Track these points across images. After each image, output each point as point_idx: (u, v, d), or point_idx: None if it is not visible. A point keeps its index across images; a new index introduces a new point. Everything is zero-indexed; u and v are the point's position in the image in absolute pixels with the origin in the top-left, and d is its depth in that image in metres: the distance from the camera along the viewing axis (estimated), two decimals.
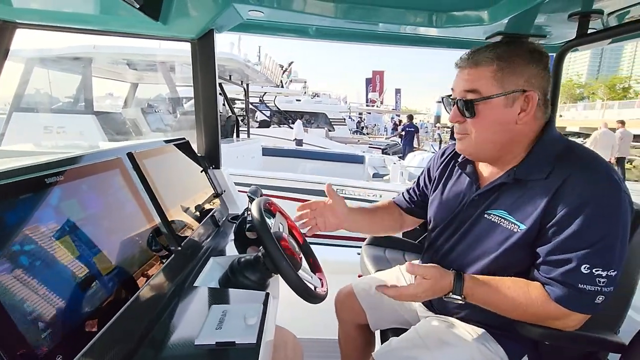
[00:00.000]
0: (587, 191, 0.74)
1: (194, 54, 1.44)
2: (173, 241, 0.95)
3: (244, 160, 5.50)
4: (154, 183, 0.98)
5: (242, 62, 4.89)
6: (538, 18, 1.30)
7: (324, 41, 1.64)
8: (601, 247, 0.72)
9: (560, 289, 0.74)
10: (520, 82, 0.80)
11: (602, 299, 0.72)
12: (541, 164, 0.81)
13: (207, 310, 0.76)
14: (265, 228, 0.84)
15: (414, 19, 1.39)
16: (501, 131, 0.83)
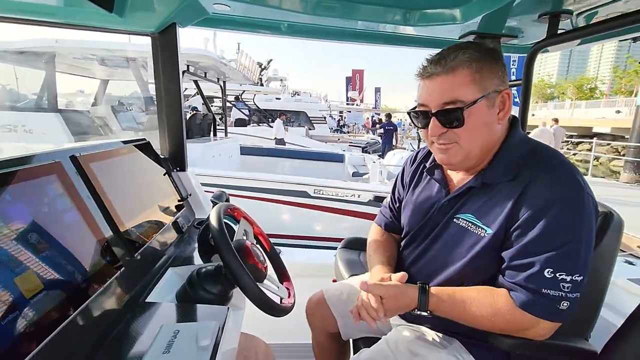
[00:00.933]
0: (551, 193, 0.73)
1: (155, 48, 1.35)
2: (124, 252, 0.87)
3: (220, 159, 5.36)
4: (104, 188, 0.90)
5: (217, 59, 4.75)
6: (510, 18, 1.29)
7: (296, 38, 1.58)
8: (565, 251, 0.70)
9: (524, 294, 0.72)
10: (496, 81, 0.78)
11: (567, 305, 0.70)
12: (508, 166, 0.80)
13: (156, 331, 0.69)
14: (223, 237, 0.78)
15: (387, 16, 1.36)
16: (487, 133, 0.81)
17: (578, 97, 44.94)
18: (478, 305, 0.75)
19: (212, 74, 5.83)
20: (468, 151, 0.81)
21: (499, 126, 0.81)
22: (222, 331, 0.71)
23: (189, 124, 5.63)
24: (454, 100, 0.77)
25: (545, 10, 1.14)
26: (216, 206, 0.89)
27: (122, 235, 0.88)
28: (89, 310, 0.68)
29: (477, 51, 0.78)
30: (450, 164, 0.86)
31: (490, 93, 0.77)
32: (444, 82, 0.78)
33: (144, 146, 1.29)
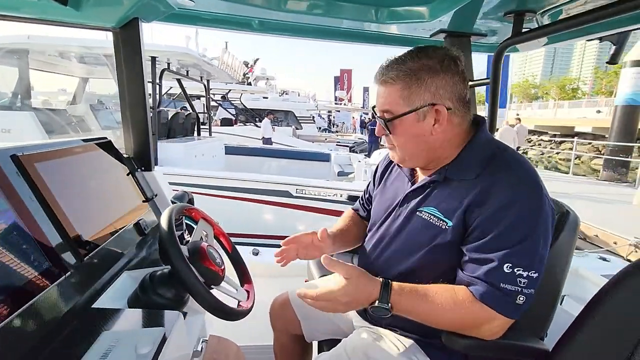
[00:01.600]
0: (512, 192, 0.75)
1: (117, 44, 1.30)
2: (72, 255, 0.83)
3: (203, 159, 5.28)
4: (51, 189, 0.85)
5: (198, 57, 4.67)
6: (478, 17, 1.29)
7: (265, 35, 1.56)
8: (523, 248, 0.72)
9: (483, 287, 0.73)
10: (427, 96, 0.81)
11: (522, 299, 0.72)
12: (470, 165, 0.83)
13: (95, 338, 0.65)
14: (171, 239, 0.75)
15: (355, 13, 1.34)
16: (420, 142, 0.86)
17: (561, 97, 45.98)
18: (440, 299, 0.75)
19: (195, 73, 5.75)
20: (404, 156, 0.89)
21: (437, 136, 0.84)
22: (167, 338, 0.68)
23: (171, 123, 5.54)
24: (387, 110, 0.85)
25: (510, 8, 1.14)
26: (169, 207, 0.86)
27: (69, 238, 0.84)
28: (24, 318, 0.64)
29: (412, 67, 0.81)
30: (397, 162, 0.93)
31: (418, 108, 0.81)
32: (381, 92, 0.86)
33: (106, 145, 1.25)
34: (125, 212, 1.17)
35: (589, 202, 7.07)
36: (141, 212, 1.26)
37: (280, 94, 19.47)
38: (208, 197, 3.86)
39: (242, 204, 3.91)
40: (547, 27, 1.10)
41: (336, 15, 1.36)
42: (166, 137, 5.37)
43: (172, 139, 5.40)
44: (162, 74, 4.66)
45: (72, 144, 1.11)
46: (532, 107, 42.51)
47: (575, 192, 7.93)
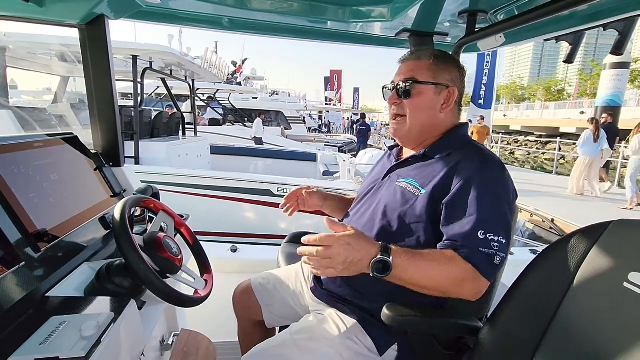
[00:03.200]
0: (480, 170, 0.87)
1: (83, 41, 1.31)
2: (27, 247, 0.84)
3: (187, 159, 5.26)
4: (7, 182, 0.87)
5: (180, 56, 4.66)
6: (437, 16, 1.34)
7: (235, 33, 1.58)
8: (493, 215, 0.82)
9: (467, 249, 0.80)
10: (447, 78, 0.98)
11: (499, 260, 0.79)
12: (446, 146, 0.97)
13: (43, 324, 0.67)
14: (123, 229, 0.77)
15: (320, 12, 1.38)
16: (429, 115, 0.99)
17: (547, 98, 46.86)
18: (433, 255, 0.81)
19: (179, 72, 5.72)
20: (411, 126, 1.00)
21: (442, 115, 0.99)
22: (116, 322, 0.70)
23: (154, 122, 5.50)
24: (411, 77, 0.97)
25: (463, 8, 1.19)
26: (124, 199, 0.88)
27: (26, 230, 0.86)
28: None
29: (441, 53, 1.02)
30: (397, 135, 1.04)
31: (439, 84, 0.97)
32: (409, 64, 1.00)
33: (72, 140, 1.26)
34: (90, 206, 1.18)
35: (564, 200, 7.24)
36: (108, 206, 1.27)
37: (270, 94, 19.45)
38: (189, 196, 3.86)
39: (223, 203, 3.92)
40: (499, 25, 1.15)
41: (305, 14, 1.39)
42: (150, 136, 5.33)
43: (155, 138, 5.37)
44: (144, 72, 4.64)
45: (36, 138, 1.12)
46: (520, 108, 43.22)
47: (557, 191, 8.12)
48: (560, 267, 0.65)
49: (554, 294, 0.64)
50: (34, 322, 0.71)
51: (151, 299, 1.10)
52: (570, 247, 0.66)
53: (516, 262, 1.72)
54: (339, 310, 0.94)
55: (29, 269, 0.82)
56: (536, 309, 0.66)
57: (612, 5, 1.16)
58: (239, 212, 3.98)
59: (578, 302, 0.62)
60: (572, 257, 0.64)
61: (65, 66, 5.13)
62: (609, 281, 0.61)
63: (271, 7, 1.34)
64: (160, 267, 0.84)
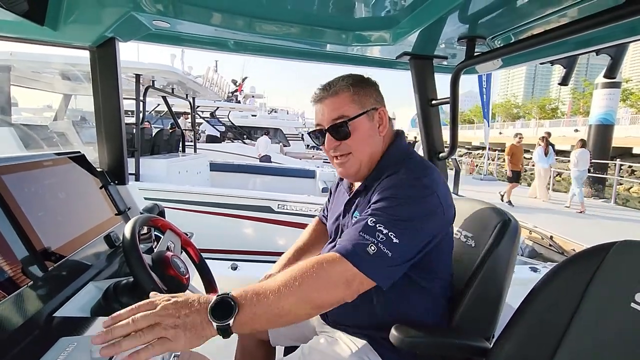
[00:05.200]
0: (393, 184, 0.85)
1: (93, 62, 1.35)
2: (36, 265, 0.84)
3: (187, 175, 5.27)
4: (18, 202, 0.88)
5: (182, 75, 4.75)
6: (437, 41, 1.39)
7: (240, 54, 1.63)
8: (391, 215, 0.78)
9: (341, 242, 0.78)
10: (371, 101, 0.97)
11: (373, 250, 0.74)
12: (381, 173, 0.93)
13: (53, 344, 0.67)
14: (133, 247, 0.78)
15: (325, 36, 1.42)
16: (372, 144, 0.97)
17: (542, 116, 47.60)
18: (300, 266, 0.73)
19: (181, 91, 5.81)
20: (360, 159, 0.96)
21: (381, 138, 0.98)
22: None
23: (155, 139, 5.54)
24: (341, 116, 0.93)
25: (463, 34, 1.24)
26: (134, 217, 0.89)
27: (35, 250, 0.86)
28: None
29: (355, 79, 0.98)
30: (348, 175, 1.00)
31: (368, 110, 0.95)
32: (330, 103, 0.95)
33: (79, 159, 1.27)
34: (96, 224, 1.19)
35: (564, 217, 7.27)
36: (112, 224, 1.28)
37: (269, 112, 19.67)
38: (189, 212, 3.86)
39: (224, 220, 3.91)
40: (496, 51, 1.20)
41: (308, 37, 1.44)
42: (150, 153, 5.36)
43: (155, 155, 5.39)
44: (146, 91, 4.71)
45: (44, 157, 1.13)
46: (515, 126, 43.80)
47: (554, 208, 8.15)
48: (568, 289, 0.66)
49: (562, 315, 0.65)
50: (42, 342, 0.70)
51: None
52: (577, 268, 0.67)
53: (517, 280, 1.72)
54: (348, 333, 0.94)
55: (36, 288, 0.82)
56: (545, 331, 0.67)
57: (603, 32, 1.21)
58: (238, 228, 3.97)
59: (586, 324, 0.63)
60: (579, 278, 0.65)
61: (68, 84, 5.21)
62: (616, 302, 0.62)
63: (276, 30, 1.39)
64: (168, 286, 0.84)
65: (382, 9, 1.18)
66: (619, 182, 9.71)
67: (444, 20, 1.15)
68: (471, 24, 1.16)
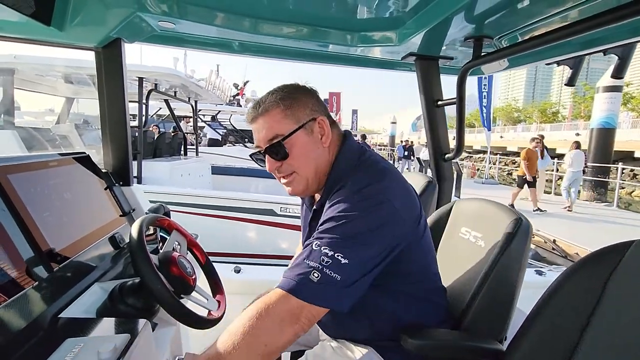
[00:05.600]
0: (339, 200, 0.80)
1: (99, 63, 1.35)
2: (41, 266, 0.83)
3: (189, 178, 5.27)
4: (24, 201, 0.87)
5: (185, 78, 4.75)
6: (443, 42, 1.39)
7: (245, 56, 1.63)
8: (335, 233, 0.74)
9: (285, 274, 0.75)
10: (307, 112, 0.88)
11: (317, 277, 0.71)
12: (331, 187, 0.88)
13: (59, 346, 0.66)
14: (139, 247, 0.77)
15: (329, 37, 1.42)
16: (316, 157, 0.89)
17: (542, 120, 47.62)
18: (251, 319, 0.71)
19: (183, 94, 5.82)
20: (306, 177, 0.89)
21: (326, 149, 0.90)
22: (133, 343, 0.69)
23: (157, 142, 5.54)
24: (275, 136, 0.86)
25: (470, 34, 1.24)
26: (140, 217, 0.88)
27: (40, 250, 0.85)
28: None
29: (284, 91, 0.89)
30: (297, 194, 0.93)
31: (305, 123, 0.87)
32: (263, 122, 0.88)
33: (84, 160, 1.27)
34: (100, 225, 1.18)
35: (572, 221, 7.24)
36: (117, 226, 1.27)
37: None
38: (192, 215, 3.84)
39: (227, 223, 3.89)
40: (503, 51, 1.19)
41: (311, 38, 1.44)
42: (152, 156, 5.36)
43: (158, 158, 5.39)
44: (149, 94, 4.72)
45: (50, 157, 1.13)
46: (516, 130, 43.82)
47: (557, 211, 8.11)
48: (583, 291, 0.64)
49: (578, 317, 0.63)
50: (47, 343, 0.69)
51: (162, 321, 1.08)
52: (593, 270, 0.65)
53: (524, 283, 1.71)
54: (354, 340, 0.92)
55: (41, 289, 0.81)
56: (561, 334, 0.65)
57: (610, 32, 1.21)
58: (241, 231, 3.95)
59: (605, 326, 0.62)
60: (595, 279, 0.63)
61: (71, 88, 5.22)
62: (635, 304, 0.61)
63: (280, 31, 1.39)
64: (175, 287, 0.83)
65: (388, 9, 1.18)
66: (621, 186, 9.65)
67: (450, 20, 1.15)
68: (478, 23, 1.15)
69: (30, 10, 1.04)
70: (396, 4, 1.14)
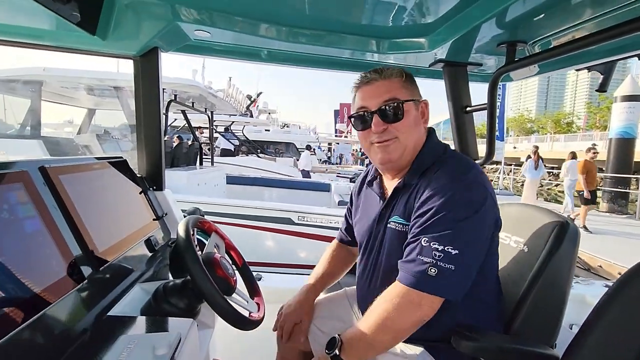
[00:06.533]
0: (447, 180, 0.84)
1: (137, 71, 1.39)
2: (89, 265, 0.85)
3: (206, 187, 5.33)
4: (72, 201, 0.89)
5: (204, 89, 4.86)
6: (473, 47, 1.39)
7: (275, 65, 1.66)
8: (442, 225, 0.78)
9: (403, 270, 0.80)
10: (417, 92, 0.98)
11: (434, 271, 0.76)
12: (421, 168, 0.93)
13: (114, 343, 0.67)
14: (189, 247, 0.78)
15: (359, 45, 1.44)
16: (416, 132, 0.95)
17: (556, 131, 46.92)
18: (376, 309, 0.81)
19: (200, 104, 5.94)
20: (405, 145, 0.93)
21: (423, 130, 0.98)
22: (182, 342, 0.69)
23: (175, 152, 5.64)
24: (393, 98, 0.92)
25: (503, 39, 1.24)
26: (185, 218, 0.89)
27: (88, 249, 0.87)
28: (41, 323, 0.65)
29: (404, 70, 0.99)
30: (390, 161, 0.95)
31: (416, 100, 0.96)
32: (382, 85, 0.93)
33: (121, 164, 1.30)
34: (137, 228, 1.20)
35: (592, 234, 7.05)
36: (151, 229, 1.29)
37: (281, 126, 19.93)
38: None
39: (244, 231, 3.91)
40: (537, 56, 1.19)
41: (340, 46, 1.45)
42: (170, 165, 5.45)
43: (175, 167, 5.48)
44: (169, 105, 4.82)
45: (91, 160, 1.16)
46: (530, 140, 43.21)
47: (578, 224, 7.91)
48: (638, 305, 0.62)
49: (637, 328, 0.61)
50: (100, 340, 0.70)
51: (200, 323, 1.08)
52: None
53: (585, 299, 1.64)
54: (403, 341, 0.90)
55: (91, 287, 0.82)
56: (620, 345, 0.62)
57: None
58: (259, 240, 3.95)
59: None
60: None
61: (93, 99, 5.39)
62: None
63: (312, 39, 1.41)
64: (219, 286, 0.84)
65: (420, 16, 1.19)
66: None
67: (483, 26, 1.16)
68: (512, 28, 1.15)
69: (77, 19, 1.09)
70: (429, 10, 1.15)
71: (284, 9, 1.21)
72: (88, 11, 1.11)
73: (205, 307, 0.93)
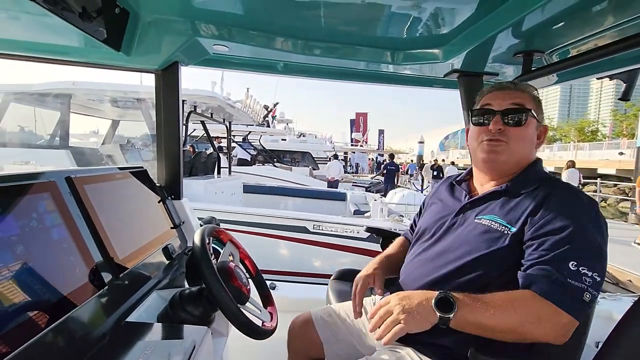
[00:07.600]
0: (574, 201, 0.86)
1: (158, 84, 1.45)
2: (109, 272, 0.88)
3: (223, 196, 5.42)
4: (95, 210, 0.93)
5: (223, 100, 4.98)
6: (489, 57, 1.38)
7: (292, 77, 1.69)
8: (587, 250, 0.78)
9: (546, 284, 0.76)
10: (542, 116, 1.00)
11: (589, 297, 0.74)
12: (529, 181, 0.95)
13: (132, 349, 0.69)
14: (205, 256, 0.80)
15: (375, 56, 1.46)
16: (527, 148, 0.97)
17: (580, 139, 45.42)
18: (497, 299, 0.78)
19: (218, 115, 6.08)
20: (513, 152, 0.95)
21: (533, 150, 1.00)
22: (196, 349, 0.71)
23: (194, 162, 5.77)
24: (520, 104, 0.95)
25: (519, 49, 1.23)
26: (202, 227, 0.92)
27: (108, 256, 0.90)
28: (64, 327, 0.68)
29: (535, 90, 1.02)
30: (495, 161, 0.97)
31: (539, 120, 0.99)
32: (514, 93, 0.98)
33: (141, 174, 1.35)
34: (155, 236, 1.23)
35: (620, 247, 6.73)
36: (169, 237, 1.32)
37: (298, 136, 20.12)
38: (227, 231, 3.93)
39: (259, 239, 3.94)
40: (555, 65, 1.17)
41: (355, 57, 1.48)
42: (188, 174, 5.58)
43: (194, 176, 5.61)
44: (189, 115, 4.96)
45: (113, 170, 1.21)
46: (552, 149, 42.00)
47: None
48: None
49: None
50: (118, 345, 0.72)
51: (215, 331, 1.10)
52: None
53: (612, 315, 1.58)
54: (418, 351, 0.89)
55: (111, 293, 0.85)
56: None
57: None
58: (274, 248, 3.98)
59: None
60: None
61: (117, 111, 5.60)
62: None
63: (327, 52, 1.43)
64: (233, 295, 0.85)
65: (436, 26, 1.19)
66: None
67: (499, 36, 1.15)
68: (529, 38, 1.14)
69: (103, 36, 1.15)
70: (444, 21, 1.15)
71: (300, 22, 1.24)
72: (113, 29, 1.16)
73: (220, 315, 0.94)
